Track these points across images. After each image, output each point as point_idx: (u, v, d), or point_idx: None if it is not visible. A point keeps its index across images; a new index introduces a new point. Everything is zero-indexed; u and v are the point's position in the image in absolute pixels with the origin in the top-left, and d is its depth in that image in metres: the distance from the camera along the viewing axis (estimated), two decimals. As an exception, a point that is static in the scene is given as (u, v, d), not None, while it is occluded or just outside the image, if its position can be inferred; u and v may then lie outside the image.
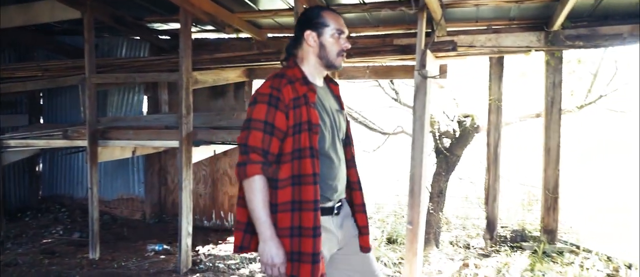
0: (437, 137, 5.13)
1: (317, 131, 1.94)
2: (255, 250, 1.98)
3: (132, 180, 6.45)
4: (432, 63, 4.20)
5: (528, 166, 5.61)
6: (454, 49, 4.11)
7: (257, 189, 1.86)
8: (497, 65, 5.02)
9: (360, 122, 5.56)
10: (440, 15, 3.90)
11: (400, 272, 4.34)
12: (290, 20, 5.05)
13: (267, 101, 1.90)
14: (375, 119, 5.70)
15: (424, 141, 3.83)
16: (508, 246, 5.01)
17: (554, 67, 4.78)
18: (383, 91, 5.49)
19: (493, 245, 5.06)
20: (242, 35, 5.68)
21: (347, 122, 2.21)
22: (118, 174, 6.52)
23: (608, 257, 4.50)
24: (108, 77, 5.01)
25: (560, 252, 4.72)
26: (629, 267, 4.30)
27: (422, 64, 3.77)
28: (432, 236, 5.04)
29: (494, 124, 5.05)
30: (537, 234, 5.06)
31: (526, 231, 5.20)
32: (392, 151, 6.34)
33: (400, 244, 5.08)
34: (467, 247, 5.19)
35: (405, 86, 5.68)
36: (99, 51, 6.10)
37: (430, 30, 4.20)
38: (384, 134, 5.51)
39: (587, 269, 4.24)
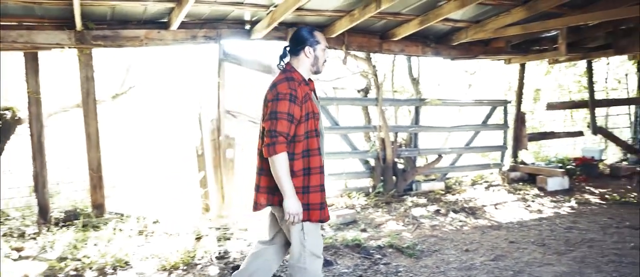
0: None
1: (318, 118, 2.87)
2: (270, 205, 2.89)
3: None
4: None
5: (77, 151, 6.13)
6: (-27, 44, 4.18)
7: (283, 162, 2.69)
8: (32, 60, 5.30)
9: None
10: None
11: None
12: None
13: (288, 99, 2.70)
14: None
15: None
16: (62, 226, 5.44)
17: (86, 63, 5.43)
18: None
19: (48, 228, 5.40)
20: None
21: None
22: None
23: (143, 218, 5.57)
24: None
25: (107, 222, 5.52)
26: (155, 222, 5.48)
27: None
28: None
29: (35, 115, 5.35)
30: (90, 210, 5.70)
31: (78, 209, 5.76)
32: None
33: None
34: (23, 235, 5.35)
35: None
36: None
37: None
38: None
39: (121, 230, 5.16)
